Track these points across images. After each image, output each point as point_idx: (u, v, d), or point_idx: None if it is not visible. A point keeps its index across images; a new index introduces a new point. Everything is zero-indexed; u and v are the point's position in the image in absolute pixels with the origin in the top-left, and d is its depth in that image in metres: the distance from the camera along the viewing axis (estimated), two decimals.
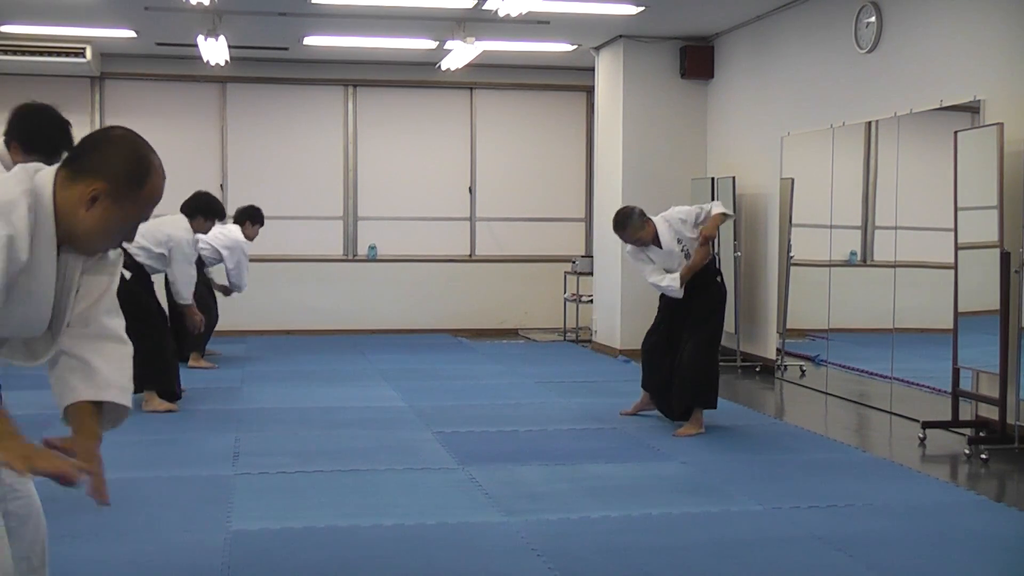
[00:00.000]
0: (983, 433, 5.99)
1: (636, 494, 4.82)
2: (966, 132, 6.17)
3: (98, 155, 2.31)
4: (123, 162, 2.31)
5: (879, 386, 7.29)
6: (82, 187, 2.28)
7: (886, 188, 7.26)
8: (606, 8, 8.58)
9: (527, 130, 11.81)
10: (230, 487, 4.85)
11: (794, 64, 8.42)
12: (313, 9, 8.58)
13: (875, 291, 7.43)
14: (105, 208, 2.29)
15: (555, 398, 7.41)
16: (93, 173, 2.29)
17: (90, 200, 2.28)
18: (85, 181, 2.28)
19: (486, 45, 9.54)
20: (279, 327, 11.22)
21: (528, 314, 11.79)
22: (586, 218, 11.84)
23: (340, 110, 11.51)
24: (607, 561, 3.87)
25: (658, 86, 9.83)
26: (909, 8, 6.95)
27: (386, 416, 6.68)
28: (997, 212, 5.79)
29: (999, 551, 4.16)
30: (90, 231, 2.31)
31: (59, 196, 2.28)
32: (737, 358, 9.05)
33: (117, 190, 2.29)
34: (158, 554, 3.92)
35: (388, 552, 3.97)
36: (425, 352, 9.98)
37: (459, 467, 5.29)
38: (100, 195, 2.28)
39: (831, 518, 4.43)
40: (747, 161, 9.14)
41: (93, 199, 2.28)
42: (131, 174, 2.31)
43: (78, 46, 9.97)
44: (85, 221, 2.30)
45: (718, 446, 5.87)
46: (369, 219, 11.60)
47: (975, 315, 6.04)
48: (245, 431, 6.16)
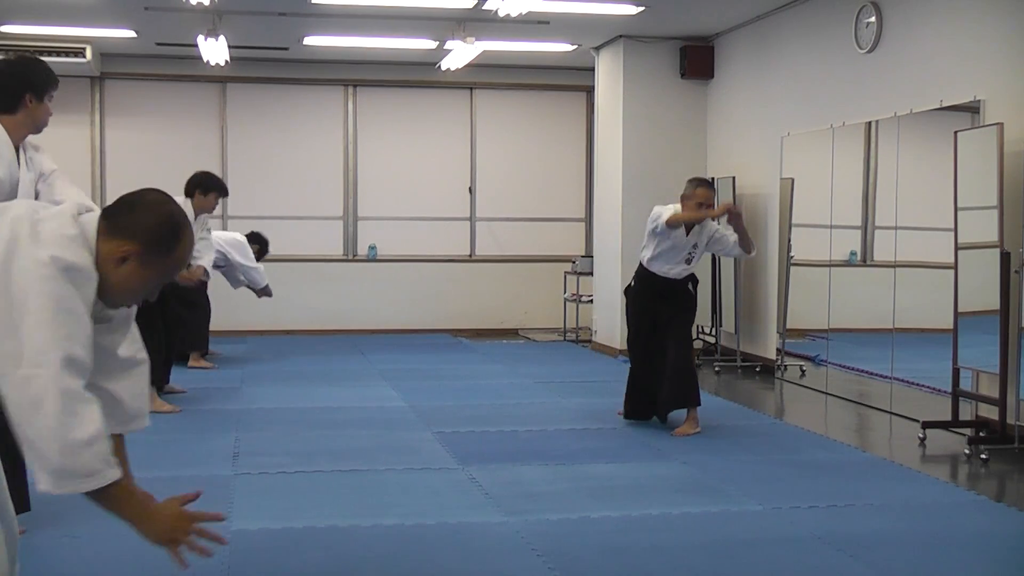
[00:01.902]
0: (983, 433, 5.99)
1: (636, 494, 4.82)
2: (966, 132, 6.17)
3: (133, 216, 2.41)
4: (155, 227, 2.40)
5: (879, 386, 7.29)
6: (115, 244, 2.38)
7: (886, 188, 7.26)
8: (606, 8, 8.58)
9: (527, 130, 11.80)
10: (230, 487, 4.85)
11: (794, 64, 8.42)
12: (313, 9, 8.57)
13: (875, 291, 7.43)
14: (133, 269, 2.40)
15: (555, 398, 7.41)
16: (126, 233, 2.38)
17: (120, 259, 2.38)
18: (118, 240, 2.38)
19: (486, 45, 9.54)
20: (279, 327, 11.22)
21: (528, 314, 11.79)
22: (586, 218, 11.83)
23: (340, 110, 11.51)
24: (607, 561, 3.87)
25: (658, 86, 9.83)
26: (909, 8, 6.95)
27: (386, 416, 6.68)
28: (997, 212, 5.79)
29: (999, 551, 4.16)
30: (117, 287, 2.41)
31: (100, 247, 2.38)
32: (737, 358, 9.05)
33: (146, 253, 2.39)
34: (158, 554, 3.90)
35: (388, 552, 3.97)
36: (425, 352, 9.98)
37: (459, 467, 5.29)
38: (130, 256, 2.38)
39: (831, 518, 4.43)
40: (747, 161, 9.14)
41: (123, 259, 2.38)
42: (161, 240, 2.41)
43: (78, 46, 9.97)
44: (114, 276, 2.39)
45: (718, 446, 5.87)
46: (369, 219, 11.60)
47: (975, 315, 6.04)
48: (245, 431, 6.16)
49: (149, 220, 2.40)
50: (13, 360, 2.24)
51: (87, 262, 2.33)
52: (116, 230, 2.38)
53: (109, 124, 11.08)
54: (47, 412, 2.21)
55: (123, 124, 11.08)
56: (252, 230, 9.35)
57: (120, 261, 2.37)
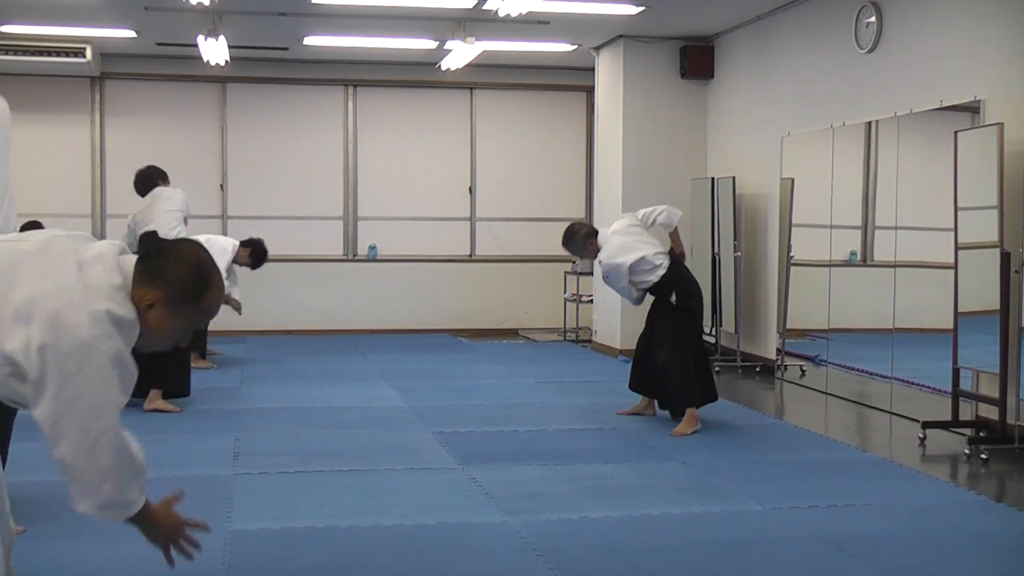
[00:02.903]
0: (983, 433, 5.99)
1: (636, 494, 4.82)
2: (966, 132, 6.17)
3: (163, 265, 2.50)
4: (184, 277, 2.49)
5: (879, 386, 7.29)
6: (145, 290, 2.47)
7: (886, 188, 7.26)
8: (606, 8, 8.58)
9: (527, 130, 11.81)
10: (230, 487, 4.85)
11: (794, 64, 8.42)
12: (313, 9, 8.58)
13: (875, 291, 7.43)
14: (160, 316, 2.48)
15: (555, 398, 7.41)
16: (157, 281, 2.47)
17: (147, 306, 2.47)
18: (148, 286, 2.47)
19: (486, 45, 9.54)
20: (279, 327, 11.22)
21: (528, 314, 11.79)
22: (586, 218, 11.80)
23: (340, 110, 11.51)
24: (607, 561, 3.87)
25: (658, 86, 9.83)
26: (909, 8, 6.95)
27: (386, 416, 6.68)
28: (997, 212, 5.79)
29: (999, 551, 4.16)
30: (146, 332, 2.50)
31: (135, 292, 2.48)
32: (737, 358, 9.05)
33: (174, 301, 2.48)
34: (158, 554, 3.91)
35: (388, 552, 3.97)
36: (425, 352, 9.98)
37: (459, 467, 5.30)
38: (157, 303, 2.47)
39: (831, 518, 4.43)
40: (747, 161, 9.14)
41: (151, 305, 2.47)
42: (189, 290, 2.50)
43: (78, 46, 9.97)
44: (145, 323, 2.49)
45: (718, 446, 5.87)
46: (369, 219, 11.60)
47: (975, 315, 6.04)
48: (245, 431, 6.16)
49: (178, 269, 2.48)
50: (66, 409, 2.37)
51: (132, 314, 2.45)
52: (148, 275, 2.47)
53: (109, 124, 11.08)
54: (104, 459, 2.41)
55: (123, 124, 11.08)
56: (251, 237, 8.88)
57: (148, 307, 2.47)
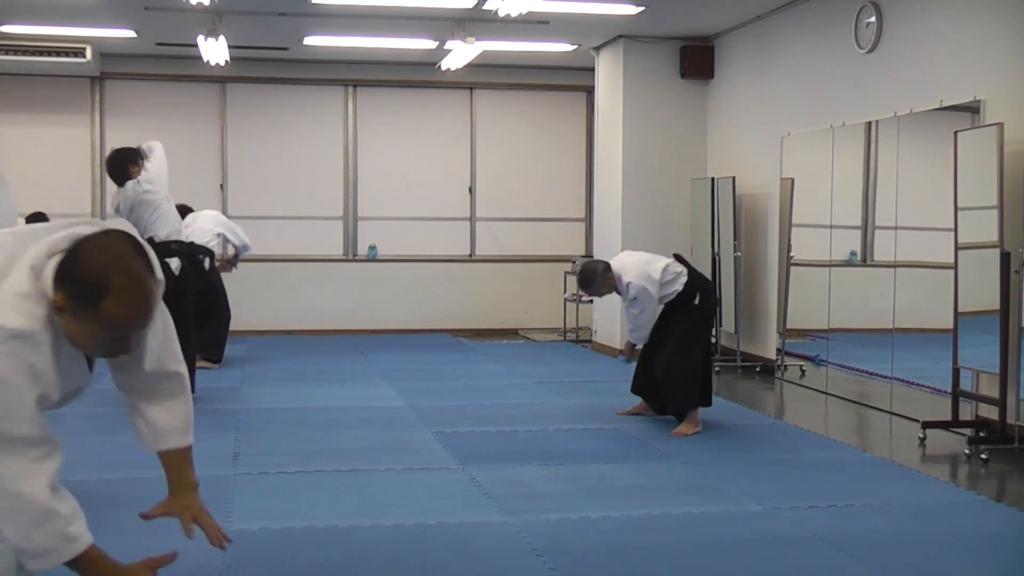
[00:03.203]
0: (983, 433, 5.99)
1: (636, 494, 4.82)
2: (966, 132, 6.17)
3: (67, 264, 2.19)
4: (80, 277, 2.17)
5: (879, 386, 7.29)
6: (57, 293, 2.19)
7: (886, 188, 7.26)
8: (606, 8, 8.58)
9: (527, 130, 11.80)
10: (230, 487, 4.85)
11: (794, 64, 8.42)
12: (313, 9, 8.57)
13: (875, 291, 7.43)
14: (68, 321, 2.20)
15: (555, 398, 7.41)
16: (59, 281, 2.18)
17: (58, 309, 2.20)
18: (58, 288, 2.19)
19: (486, 45, 9.54)
20: (279, 327, 11.22)
21: (528, 314, 11.79)
22: (586, 218, 11.83)
23: (340, 110, 11.51)
24: (607, 561, 3.87)
25: (658, 86, 9.83)
26: (909, 8, 6.95)
27: (386, 416, 6.68)
28: (997, 212, 5.79)
29: (999, 551, 4.16)
30: (68, 338, 2.24)
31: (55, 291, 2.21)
32: (737, 358, 9.05)
33: (73, 307, 2.18)
34: (158, 555, 3.91)
35: (388, 552, 3.97)
36: (425, 352, 9.98)
37: (459, 467, 5.30)
38: (62, 309, 2.19)
39: (831, 518, 4.43)
40: (747, 161, 9.14)
41: (60, 309, 2.20)
42: (85, 293, 2.16)
43: (78, 46, 9.97)
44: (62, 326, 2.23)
45: (718, 446, 5.87)
46: (369, 219, 11.60)
47: (975, 315, 6.04)
48: (245, 431, 6.16)
49: (78, 269, 2.17)
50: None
51: (35, 323, 2.15)
52: (58, 277, 2.18)
53: (109, 124, 11.07)
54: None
55: (123, 124, 11.07)
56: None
57: (59, 311, 2.19)
